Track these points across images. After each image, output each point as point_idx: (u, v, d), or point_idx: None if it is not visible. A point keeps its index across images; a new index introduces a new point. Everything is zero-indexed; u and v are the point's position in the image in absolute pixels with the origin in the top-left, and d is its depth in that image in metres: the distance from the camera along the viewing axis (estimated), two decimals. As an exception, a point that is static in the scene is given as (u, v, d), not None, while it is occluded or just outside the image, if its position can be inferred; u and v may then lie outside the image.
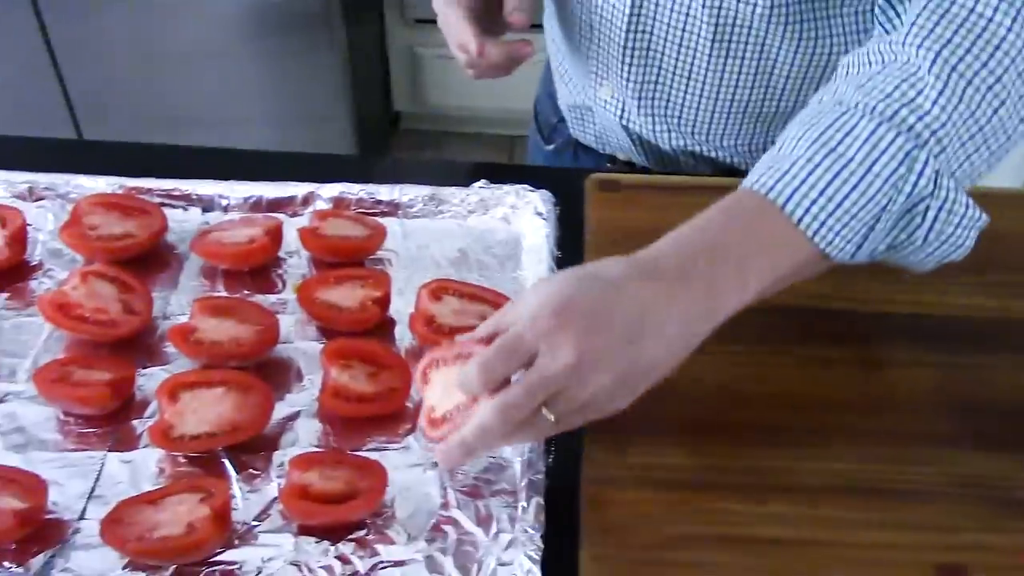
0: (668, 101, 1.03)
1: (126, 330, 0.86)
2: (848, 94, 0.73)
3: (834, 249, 0.71)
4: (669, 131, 1.05)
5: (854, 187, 0.69)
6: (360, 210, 0.98)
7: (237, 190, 0.99)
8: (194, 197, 0.99)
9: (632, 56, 1.00)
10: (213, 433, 0.79)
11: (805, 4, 0.92)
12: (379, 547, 0.74)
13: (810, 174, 0.70)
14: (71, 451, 0.80)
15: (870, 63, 0.75)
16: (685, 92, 1.01)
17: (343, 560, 0.74)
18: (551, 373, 0.68)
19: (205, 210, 0.99)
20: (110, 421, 0.82)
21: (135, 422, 0.82)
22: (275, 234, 0.93)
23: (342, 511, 0.74)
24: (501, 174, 1.01)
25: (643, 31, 0.98)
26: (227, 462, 0.79)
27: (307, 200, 0.99)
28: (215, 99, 2.30)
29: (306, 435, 0.81)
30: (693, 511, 0.75)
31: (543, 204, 0.96)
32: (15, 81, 2.25)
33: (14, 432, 0.81)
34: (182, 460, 0.80)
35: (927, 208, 0.71)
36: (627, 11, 0.97)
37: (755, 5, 0.92)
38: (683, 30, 0.96)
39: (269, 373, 0.85)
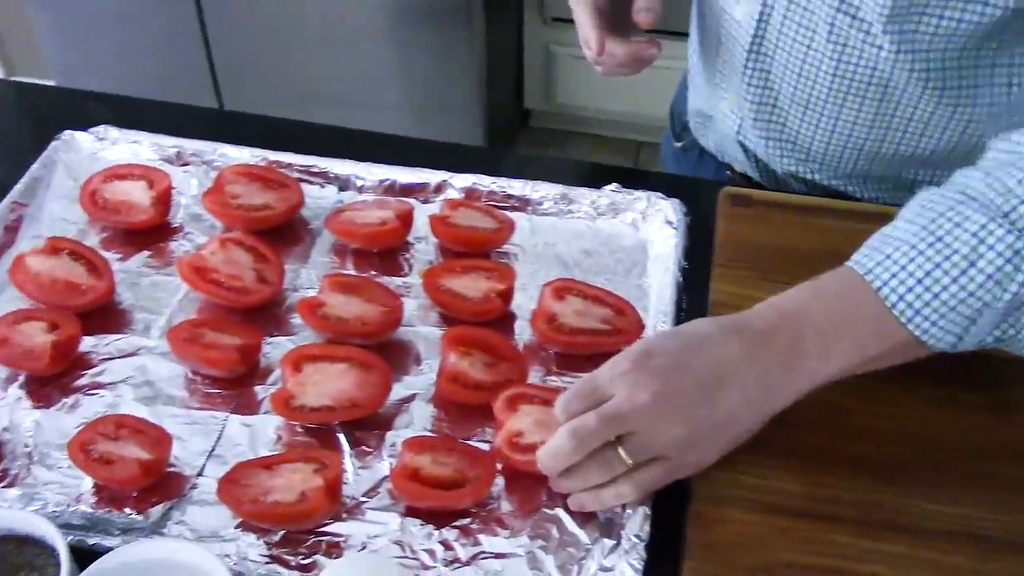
0: (784, 126, 1.02)
1: (257, 298, 0.89)
2: (974, 180, 0.72)
3: (931, 338, 0.70)
4: (782, 155, 1.04)
5: (954, 280, 0.69)
6: (490, 202, 0.99)
7: (373, 172, 1.01)
8: (331, 175, 1.01)
9: (752, 77, 1.00)
10: (332, 407, 0.81)
11: (934, 53, 0.88)
12: (482, 537, 0.75)
13: (911, 261, 0.70)
14: (196, 409, 0.83)
15: (1011, 151, 0.74)
16: (801, 120, 0.99)
17: (446, 546, 0.75)
18: (623, 409, 0.70)
19: (341, 189, 1.01)
20: (235, 384, 0.85)
21: (258, 388, 0.85)
22: (406, 218, 0.95)
23: (450, 497, 0.75)
24: (632, 179, 1.00)
25: (765, 54, 0.97)
26: (342, 436, 0.81)
27: (439, 188, 1.00)
28: (351, 81, 2.34)
29: (420, 418, 0.83)
30: (800, 539, 0.74)
31: (674, 213, 0.95)
32: (166, 47, 2.34)
33: (144, 385, 0.85)
34: (299, 430, 0.82)
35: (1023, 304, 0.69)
36: (751, 33, 0.97)
37: (881, 48, 0.89)
38: (804, 61, 0.95)
39: (389, 354, 0.86)
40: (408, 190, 1.00)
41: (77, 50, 2.36)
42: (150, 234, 0.97)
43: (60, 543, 0.68)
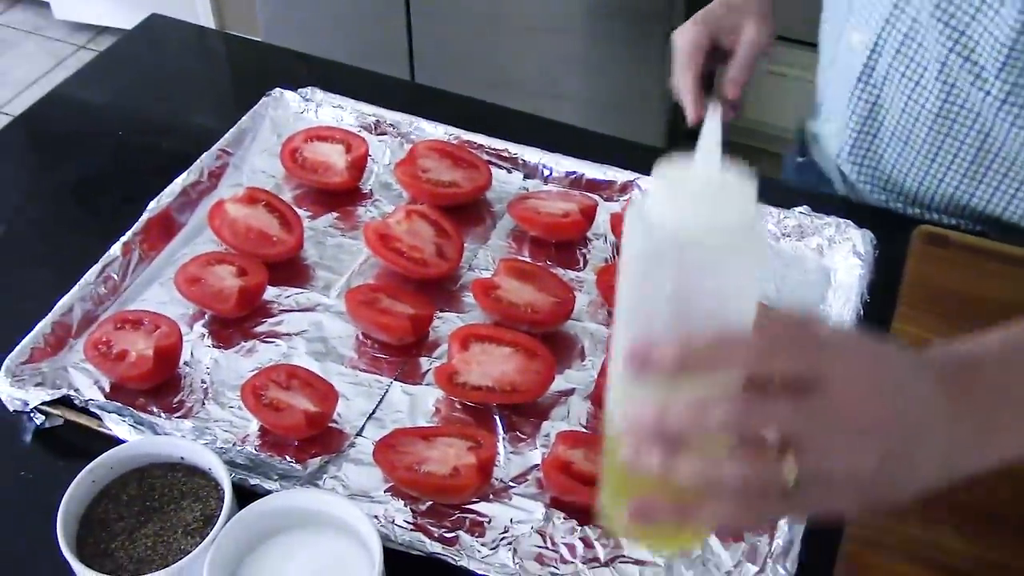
0: (880, 159, 1.02)
1: (435, 272, 0.91)
2: None
3: None
4: (872, 188, 1.04)
5: None
6: (674, 209, 0.98)
7: (562, 164, 1.01)
8: (520, 161, 1.03)
9: (858, 105, 1.00)
10: (492, 388, 0.82)
11: None
12: (623, 541, 0.75)
13: None
14: (362, 371, 0.86)
15: None
16: (898, 155, 1.00)
17: (586, 543, 0.75)
18: (837, 412, 0.51)
19: (527, 176, 1.02)
20: (402, 352, 0.87)
21: (423, 359, 0.86)
22: (589, 213, 0.95)
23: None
24: (823, 202, 0.98)
25: (873, 85, 0.98)
26: (498, 419, 0.82)
27: (625, 187, 1.00)
28: (540, 70, 2.36)
29: (576, 413, 0.83)
30: (956, 600, 0.70)
31: (863, 244, 0.92)
32: (368, 17, 2.41)
33: (317, 340, 0.88)
34: (458, 406, 0.83)
35: None
36: (862, 62, 0.97)
37: (988, 93, 0.88)
38: (910, 97, 0.95)
39: (555, 345, 0.86)
40: (593, 185, 1.00)
41: (286, 8, 2.46)
42: (341, 196, 1.00)
43: (226, 480, 0.72)
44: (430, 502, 0.76)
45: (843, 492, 0.53)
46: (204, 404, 0.83)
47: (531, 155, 1.02)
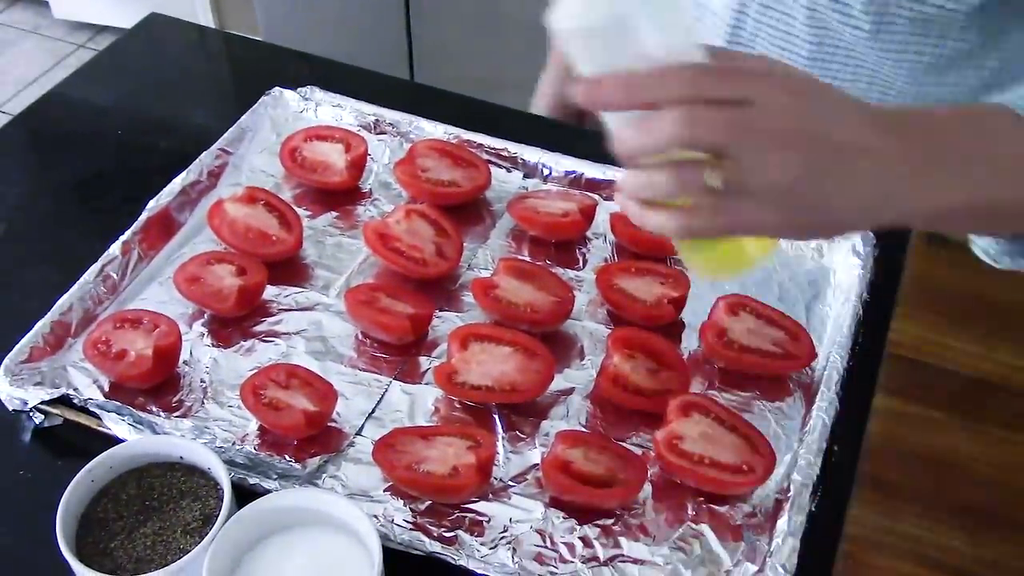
0: None
1: (434, 271, 0.91)
2: None
3: None
4: None
5: None
6: (674, 208, 0.98)
7: (561, 163, 1.01)
8: (519, 161, 1.03)
9: None
10: (492, 388, 0.82)
11: (913, 37, 0.86)
12: (623, 540, 0.75)
13: None
14: (361, 370, 0.85)
15: None
16: None
17: (585, 542, 0.75)
18: (759, 124, 0.56)
19: (526, 176, 1.02)
20: (401, 352, 0.87)
21: (423, 358, 0.86)
22: (588, 213, 0.95)
23: (598, 495, 0.75)
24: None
25: (743, 45, 0.98)
26: (497, 418, 0.82)
27: (624, 187, 1.00)
28: (541, 71, 2.37)
29: (576, 412, 0.83)
30: (957, 600, 0.71)
31: (862, 244, 0.92)
32: (367, 16, 2.41)
33: (317, 340, 0.88)
34: (457, 405, 0.83)
35: None
36: (729, 24, 0.97)
37: (857, 28, 0.89)
38: (782, 48, 0.95)
39: (554, 344, 0.86)
40: (593, 185, 1.00)
41: (286, 7, 2.46)
42: (340, 196, 1.00)
43: (225, 479, 0.71)
44: (429, 501, 0.76)
45: (765, 202, 0.57)
46: (203, 403, 0.83)
47: (530, 154, 1.02)
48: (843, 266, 0.92)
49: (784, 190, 0.57)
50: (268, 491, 0.74)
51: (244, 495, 0.72)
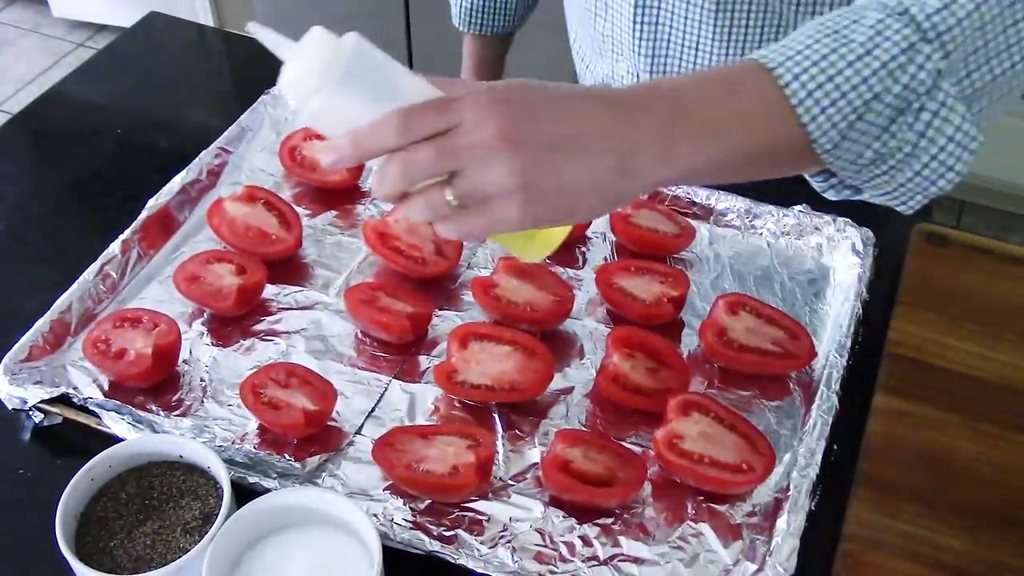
0: (679, 73, 1.01)
1: (433, 270, 0.91)
2: None
3: (816, 129, 0.63)
4: None
5: (850, 64, 0.63)
6: (674, 207, 0.98)
7: (561, 162, 1.01)
8: (519, 160, 1.02)
9: (642, 31, 1.00)
10: (492, 387, 0.82)
11: None
12: (622, 539, 0.75)
13: (808, 47, 0.64)
14: (361, 369, 0.85)
15: None
16: (694, 64, 1.00)
17: (585, 541, 0.75)
18: (465, 142, 0.61)
19: (526, 174, 1.02)
20: (401, 351, 0.87)
21: (422, 357, 0.86)
22: (588, 212, 0.95)
23: (597, 494, 0.75)
24: (822, 200, 0.97)
25: (650, 6, 0.97)
26: (497, 417, 0.82)
27: (624, 186, 1.00)
28: (541, 70, 2.37)
29: (575, 412, 0.83)
30: (957, 599, 0.70)
31: (862, 243, 0.92)
32: (367, 16, 2.41)
33: (316, 339, 0.88)
34: (457, 404, 0.83)
35: (921, 108, 0.64)
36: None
37: None
38: (687, 4, 0.95)
39: (553, 343, 0.86)
40: (592, 184, 1.00)
41: (285, 6, 2.46)
42: (339, 195, 1.00)
43: (225, 478, 0.71)
44: (429, 500, 0.76)
45: (504, 202, 0.62)
46: (203, 402, 0.83)
47: (530, 153, 1.02)
48: (843, 266, 0.92)
49: (513, 188, 0.61)
50: (268, 490, 0.74)
51: (244, 494, 0.72)
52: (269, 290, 0.91)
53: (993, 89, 0.67)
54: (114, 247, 0.91)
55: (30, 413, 0.81)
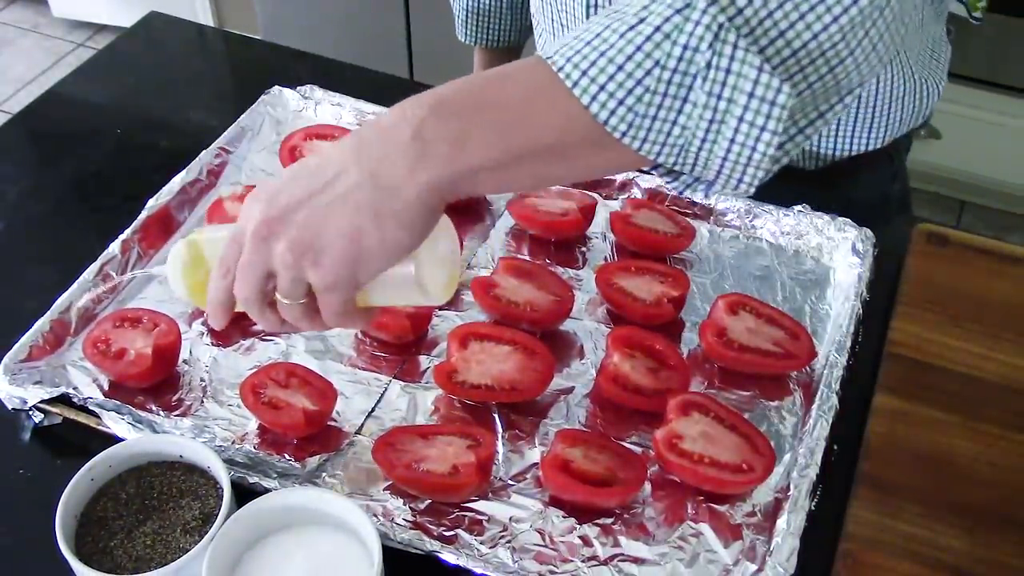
0: None
1: (433, 270, 0.91)
2: None
3: (601, 109, 0.60)
4: None
5: (621, 35, 0.60)
6: (674, 207, 0.98)
7: (561, 162, 1.01)
8: (519, 160, 1.02)
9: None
10: (492, 387, 0.81)
11: None
12: (622, 539, 0.75)
13: (583, 32, 0.62)
14: (361, 369, 0.85)
15: None
16: None
17: (585, 541, 0.74)
18: (247, 252, 0.64)
19: (526, 174, 1.02)
20: (401, 351, 0.87)
21: (422, 358, 0.86)
22: (588, 212, 0.95)
23: (597, 494, 0.75)
24: (822, 201, 0.97)
25: (602, 6, 0.94)
26: (497, 417, 0.82)
27: (624, 186, 1.00)
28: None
29: (575, 412, 0.83)
30: (956, 599, 0.70)
31: (862, 243, 0.92)
32: (367, 15, 2.41)
33: (316, 339, 0.88)
34: (457, 404, 0.83)
35: (709, 66, 0.59)
36: (583, 7, 0.95)
37: None
38: None
39: (553, 343, 0.86)
40: (593, 184, 1.00)
41: (285, 6, 2.46)
42: (339, 194, 1.00)
43: (225, 478, 0.71)
44: (429, 500, 0.76)
45: (311, 277, 0.63)
46: (203, 402, 0.83)
47: (530, 153, 1.02)
48: (843, 266, 0.92)
49: (292, 263, 0.62)
50: (268, 490, 0.74)
51: (244, 494, 0.72)
52: (269, 290, 0.90)
53: (821, 58, 0.61)
54: (114, 247, 0.91)
55: (30, 413, 0.81)
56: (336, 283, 0.63)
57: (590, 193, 0.99)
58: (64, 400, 0.80)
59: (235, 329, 0.88)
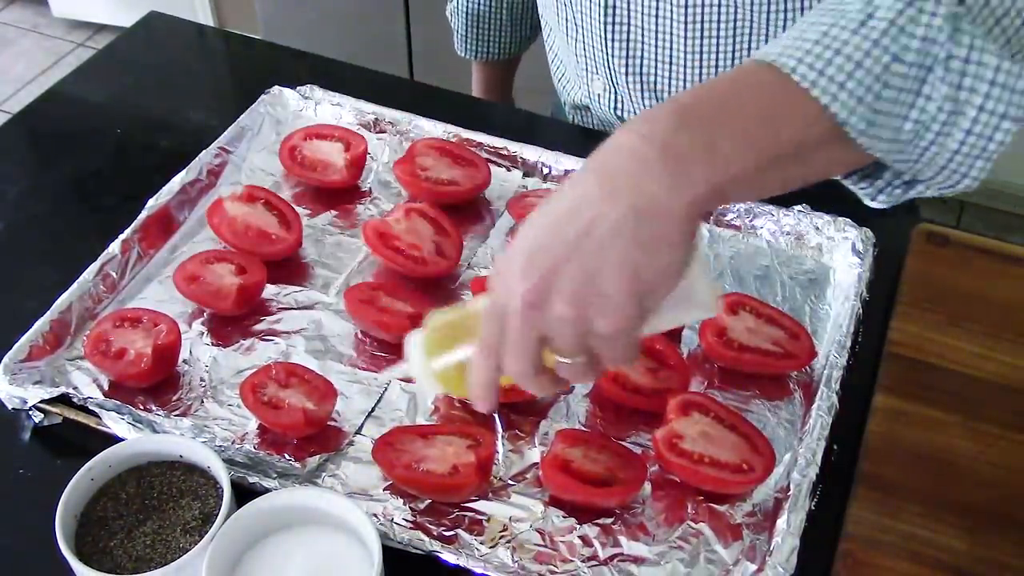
0: (655, 87, 1.02)
1: (433, 270, 0.91)
2: None
3: (842, 108, 0.58)
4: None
5: (854, 32, 0.59)
6: (674, 207, 0.98)
7: (561, 162, 1.01)
8: (519, 160, 1.02)
9: (614, 47, 1.00)
10: (492, 387, 0.81)
11: None
12: (622, 539, 0.75)
13: (802, 33, 0.60)
14: (361, 369, 0.85)
15: None
16: (669, 77, 1.00)
17: (585, 541, 0.75)
18: (511, 338, 0.60)
19: (526, 174, 1.02)
20: (401, 351, 0.86)
21: (422, 357, 0.86)
22: (588, 212, 0.95)
23: (597, 494, 0.75)
24: (822, 201, 0.97)
25: (620, 22, 0.98)
26: (497, 417, 0.82)
27: (624, 186, 1.00)
28: (541, 69, 2.37)
29: (576, 412, 0.83)
30: (956, 599, 0.70)
31: (862, 243, 0.92)
32: (367, 15, 2.41)
33: (316, 338, 0.88)
34: (457, 404, 0.83)
35: (949, 57, 0.59)
36: (601, 4, 0.97)
37: None
38: (657, 16, 0.96)
39: (554, 344, 0.86)
40: (592, 184, 1.00)
41: (285, 6, 2.46)
42: (339, 194, 1.00)
43: (225, 478, 0.71)
44: (429, 500, 0.76)
45: (596, 326, 0.59)
46: (203, 402, 0.83)
47: (530, 153, 1.02)
48: (843, 265, 0.92)
49: (575, 317, 0.58)
50: (268, 490, 0.74)
51: (244, 494, 0.72)
52: (269, 290, 0.91)
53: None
54: (114, 247, 0.91)
55: (30, 413, 0.81)
56: (626, 325, 0.59)
57: (590, 193, 0.99)
58: (64, 400, 0.80)
59: (235, 329, 0.88)
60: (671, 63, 0.99)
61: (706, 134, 0.58)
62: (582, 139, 1.07)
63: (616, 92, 1.05)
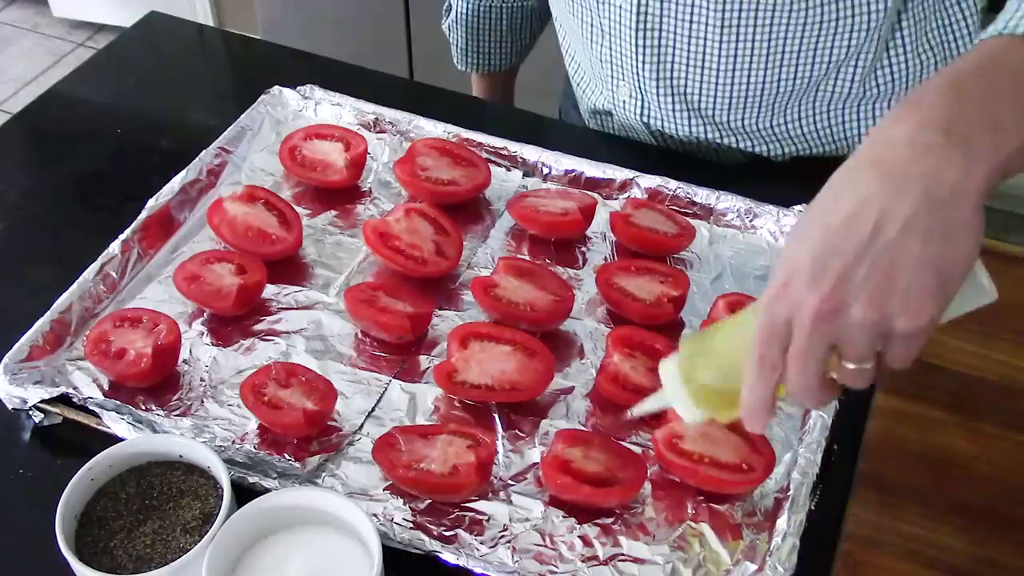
0: (685, 92, 1.02)
1: (434, 270, 0.91)
2: None
3: None
4: (689, 121, 1.04)
5: None
6: (674, 207, 0.98)
7: (561, 162, 1.01)
8: (519, 160, 1.02)
9: (644, 53, 1.00)
10: (492, 387, 0.82)
11: None
12: (622, 539, 0.75)
13: None
14: (361, 369, 0.85)
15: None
16: (700, 81, 1.01)
17: (585, 541, 0.75)
18: (799, 345, 0.57)
19: (527, 174, 1.02)
20: (401, 351, 0.87)
21: (422, 357, 0.86)
22: (588, 212, 0.95)
23: (597, 494, 0.75)
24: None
25: (652, 28, 0.98)
26: (497, 417, 0.82)
27: (624, 186, 1.00)
28: (541, 69, 2.37)
29: (576, 411, 0.83)
30: (956, 599, 0.71)
31: (862, 243, 0.92)
32: (367, 15, 2.41)
33: (316, 339, 0.88)
34: (457, 404, 0.83)
35: None
36: (634, 9, 0.97)
37: None
38: (691, 20, 0.96)
39: (553, 343, 0.86)
40: (593, 184, 1.00)
41: (285, 6, 2.46)
42: (340, 194, 1.00)
43: (225, 478, 0.71)
44: (429, 500, 0.76)
45: (897, 324, 0.56)
46: (203, 402, 0.83)
47: (530, 153, 1.02)
48: (843, 265, 0.92)
49: (877, 320, 0.56)
50: (268, 490, 0.74)
51: (244, 494, 0.72)
52: (269, 290, 0.91)
53: None
54: (114, 247, 0.91)
55: (30, 413, 0.81)
56: (931, 320, 0.56)
57: (590, 193, 0.99)
58: (64, 400, 0.81)
59: (235, 329, 0.88)
60: (703, 67, 0.99)
61: (986, 108, 0.56)
62: (582, 140, 1.07)
63: (643, 97, 1.05)
